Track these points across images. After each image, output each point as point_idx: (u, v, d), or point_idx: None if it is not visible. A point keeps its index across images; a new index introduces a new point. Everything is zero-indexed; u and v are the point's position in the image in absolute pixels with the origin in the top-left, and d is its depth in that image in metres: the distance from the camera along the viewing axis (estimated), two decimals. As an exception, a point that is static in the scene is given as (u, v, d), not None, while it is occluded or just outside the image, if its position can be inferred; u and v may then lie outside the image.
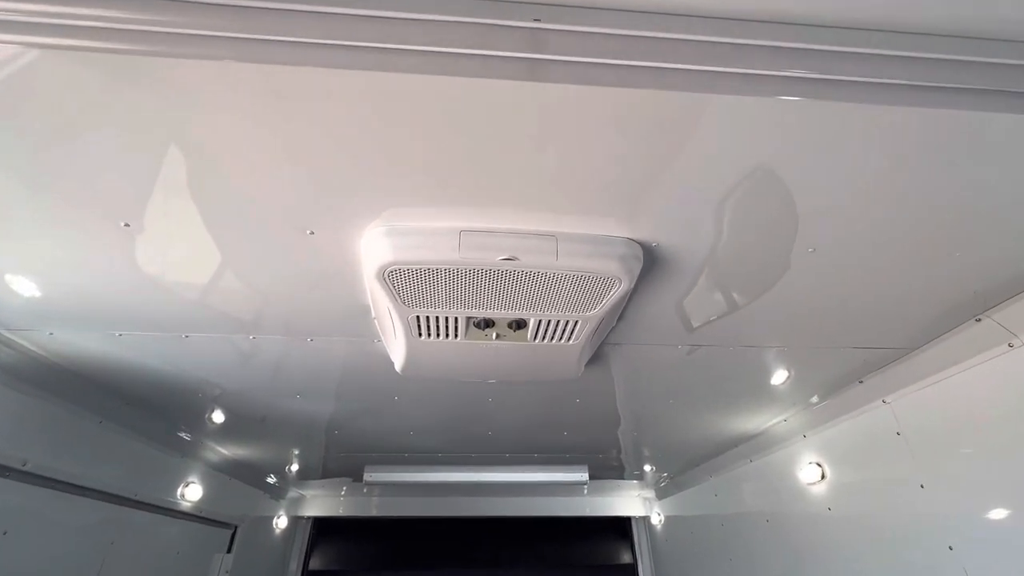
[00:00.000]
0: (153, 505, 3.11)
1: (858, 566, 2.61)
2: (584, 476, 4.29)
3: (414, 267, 1.37)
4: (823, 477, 2.90)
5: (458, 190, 1.25)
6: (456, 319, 1.64)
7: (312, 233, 1.39)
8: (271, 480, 4.69)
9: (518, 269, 1.40)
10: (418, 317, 1.62)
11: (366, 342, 2.02)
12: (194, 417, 2.84)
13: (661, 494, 5.36)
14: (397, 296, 1.49)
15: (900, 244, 1.48)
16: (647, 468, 4.59)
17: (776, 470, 3.35)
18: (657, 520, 5.40)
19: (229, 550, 4.06)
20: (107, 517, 2.75)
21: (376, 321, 1.82)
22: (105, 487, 2.68)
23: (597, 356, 2.19)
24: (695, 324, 1.94)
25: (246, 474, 4.21)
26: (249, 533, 4.39)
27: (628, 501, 5.64)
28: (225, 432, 3.22)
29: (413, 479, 4.16)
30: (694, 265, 1.58)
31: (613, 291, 1.50)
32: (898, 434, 2.40)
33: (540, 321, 1.67)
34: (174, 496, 3.32)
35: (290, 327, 1.88)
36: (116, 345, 1.99)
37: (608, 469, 4.54)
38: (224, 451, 3.68)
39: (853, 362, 2.37)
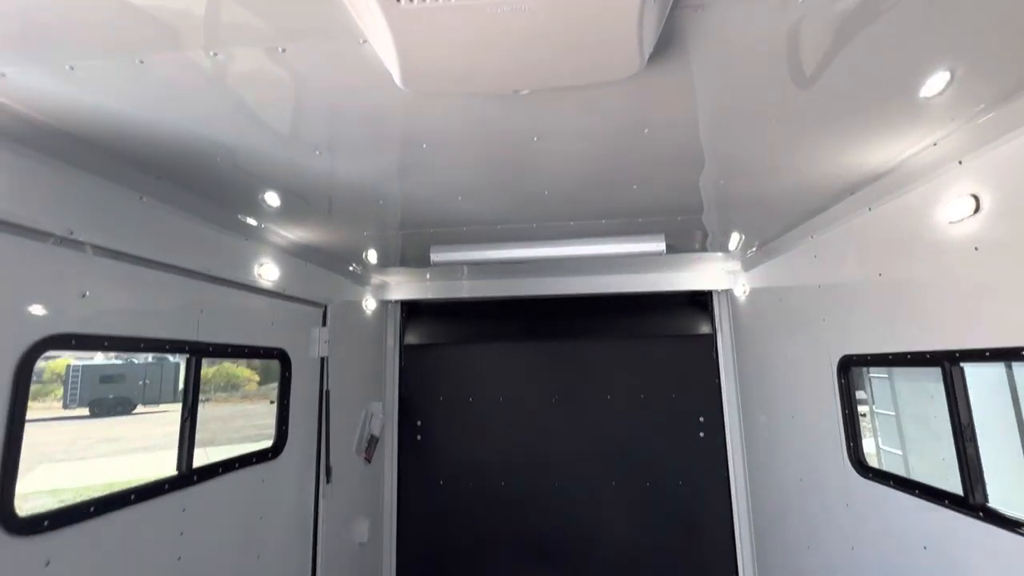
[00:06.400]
0: (232, 281, 3.26)
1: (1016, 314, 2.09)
2: (660, 246, 3.91)
3: None
4: (977, 211, 2.21)
5: None
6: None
7: None
8: (352, 267, 4.89)
9: None
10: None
11: (350, 46, 1.53)
12: (217, 182, 2.68)
13: (748, 265, 4.93)
14: None
15: None
16: (735, 235, 4.08)
17: (907, 214, 2.67)
18: (741, 292, 5.09)
19: (323, 325, 4.45)
20: (189, 286, 2.90)
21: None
22: (174, 261, 2.76)
23: (668, 39, 1.53)
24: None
25: (323, 259, 4.36)
26: (340, 312, 4.75)
27: (711, 275, 5.31)
28: (278, 210, 3.14)
29: (478, 256, 4.06)
30: None
31: None
32: None
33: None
34: (252, 275, 3.47)
35: (247, 22, 1.42)
36: (72, 84, 1.69)
37: (688, 238, 4.10)
38: (288, 234, 3.71)
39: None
